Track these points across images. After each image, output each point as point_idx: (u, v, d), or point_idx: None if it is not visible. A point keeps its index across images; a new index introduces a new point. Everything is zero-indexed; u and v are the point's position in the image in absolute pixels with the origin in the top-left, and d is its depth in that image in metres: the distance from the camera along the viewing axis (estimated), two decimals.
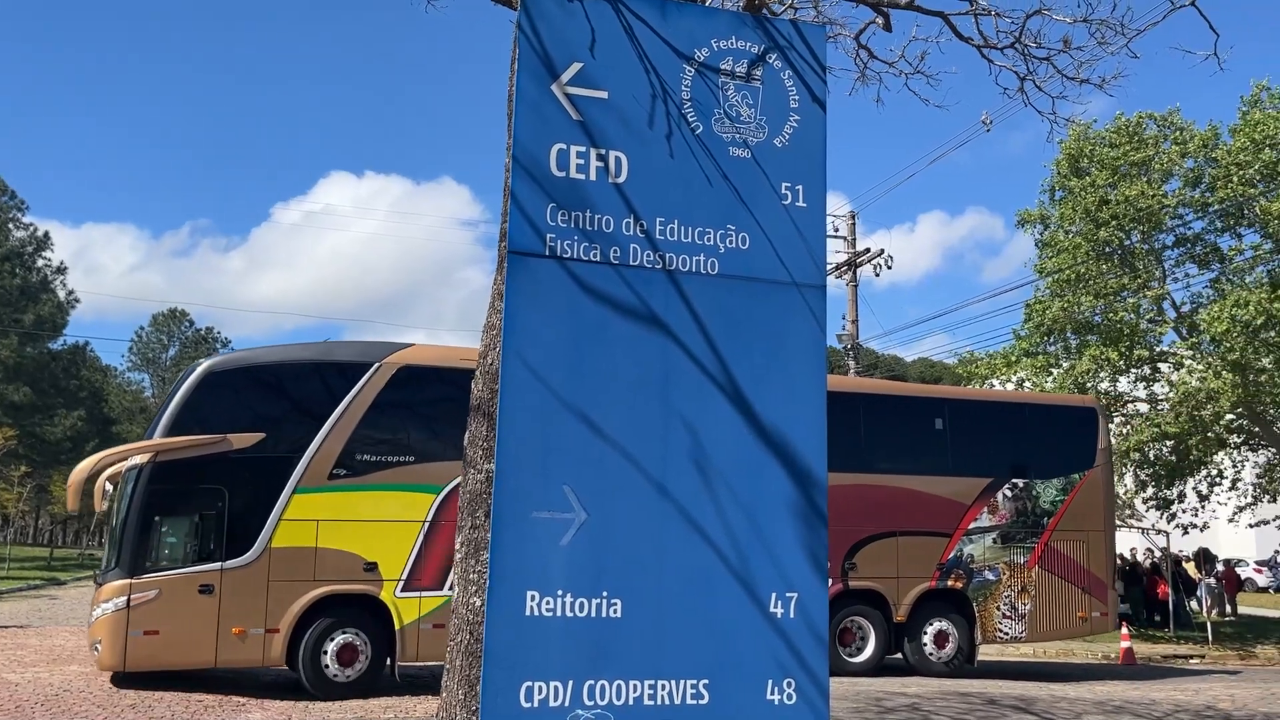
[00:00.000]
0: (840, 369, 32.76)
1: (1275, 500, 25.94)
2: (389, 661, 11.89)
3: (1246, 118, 23.03)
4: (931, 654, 14.75)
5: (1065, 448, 16.23)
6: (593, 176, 4.05)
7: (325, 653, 11.54)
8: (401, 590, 11.88)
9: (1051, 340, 24.91)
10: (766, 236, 4.30)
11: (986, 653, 20.47)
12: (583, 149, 4.06)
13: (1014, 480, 15.62)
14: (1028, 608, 15.33)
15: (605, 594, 3.75)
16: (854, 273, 31.40)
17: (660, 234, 4.12)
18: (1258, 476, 25.87)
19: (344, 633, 11.66)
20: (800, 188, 4.39)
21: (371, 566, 11.80)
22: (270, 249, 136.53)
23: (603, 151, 4.08)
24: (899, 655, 14.90)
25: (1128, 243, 23.76)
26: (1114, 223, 23.09)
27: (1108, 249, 23.72)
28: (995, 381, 25.58)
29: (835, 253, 31.95)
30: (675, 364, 4.02)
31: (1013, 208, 25.47)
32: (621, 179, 4.09)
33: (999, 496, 15.45)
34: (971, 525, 15.13)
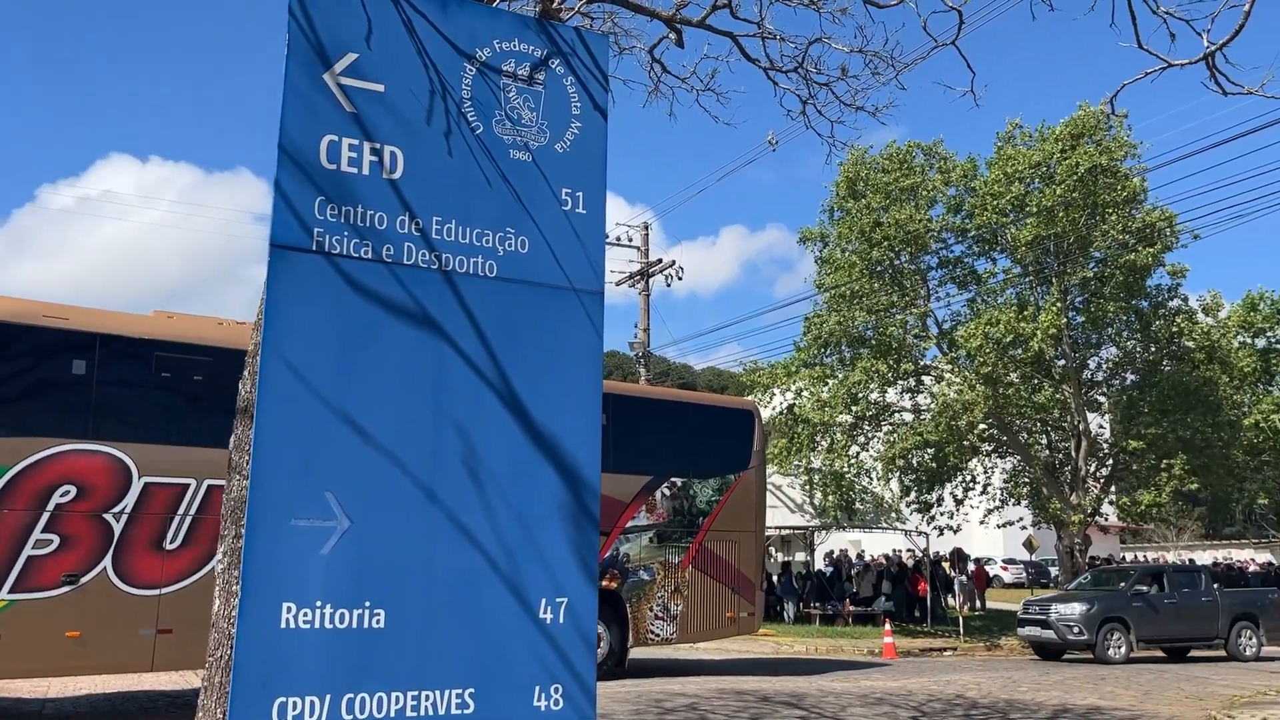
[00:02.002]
0: (631, 376, 33.31)
1: (1019, 503, 28.39)
2: None
3: (1001, 152, 25.17)
4: None
5: (723, 448, 16.30)
6: (365, 171, 3.91)
7: None
8: None
9: (828, 352, 26.30)
10: (546, 241, 4.28)
11: (760, 650, 21.29)
12: (355, 142, 3.91)
13: (673, 479, 15.54)
14: (679, 608, 15.27)
15: (368, 604, 3.61)
16: (646, 282, 32.04)
17: (436, 233, 4.02)
18: (1005, 481, 28.24)
19: None
20: (581, 194, 4.40)
21: None
22: (34, 234, 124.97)
23: (377, 146, 3.95)
24: None
25: (897, 263, 25.43)
26: (885, 243, 24.65)
27: (879, 268, 25.29)
28: (776, 390, 26.74)
29: (629, 262, 32.56)
30: (448, 367, 3.94)
31: (808, 225, 26.82)
32: (396, 175, 3.97)
33: (657, 495, 15.34)
34: (629, 524, 14.89)
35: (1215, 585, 22.15)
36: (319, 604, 3.54)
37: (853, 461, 25.96)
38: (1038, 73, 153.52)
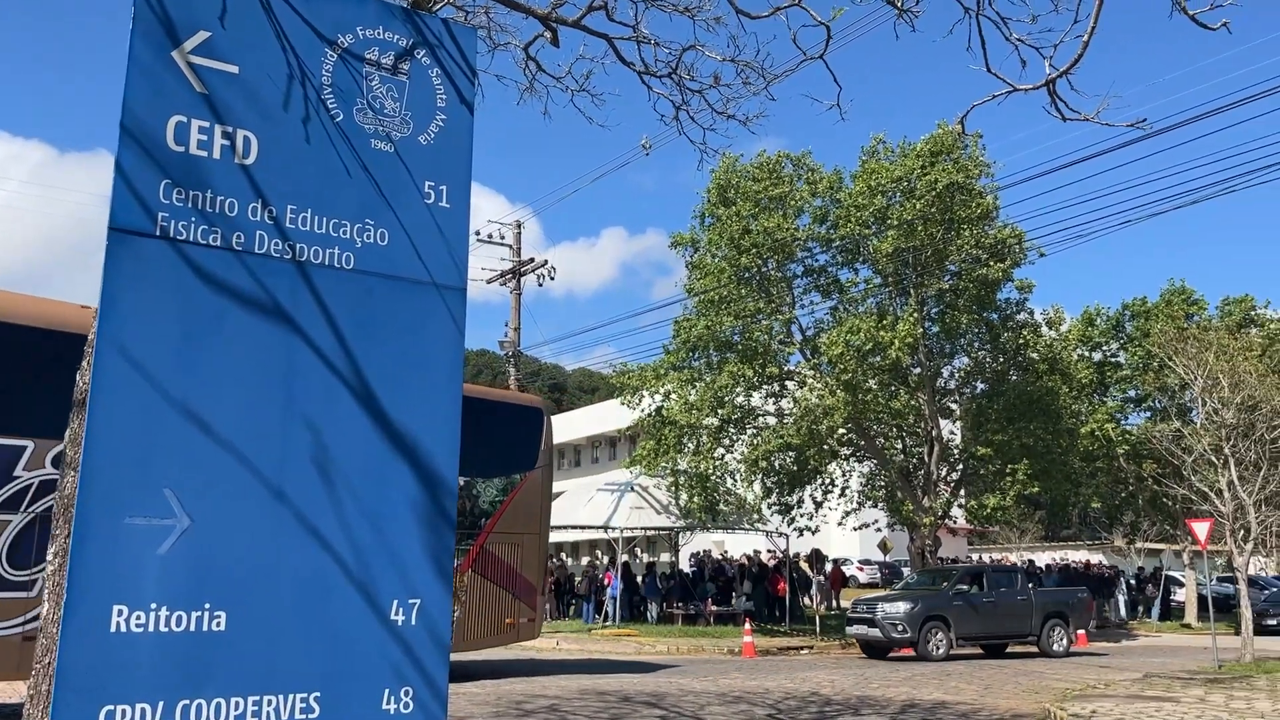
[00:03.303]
0: (501, 375, 32.98)
1: (875, 506, 29.39)
2: None
3: (865, 166, 26.01)
4: None
5: (510, 447, 15.75)
6: (216, 155, 3.74)
7: None
8: None
9: (696, 356, 26.66)
10: (407, 234, 4.18)
11: (623, 651, 21.39)
12: (206, 124, 3.73)
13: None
14: (455, 615, 14.29)
15: (207, 606, 3.45)
16: (518, 281, 31.83)
17: (291, 222, 3.88)
18: (862, 484, 29.18)
19: None
20: (444, 188, 4.32)
21: None
22: None
23: (229, 129, 3.78)
24: None
25: (764, 270, 25.98)
26: (753, 250, 25.15)
27: (747, 274, 25.78)
28: (645, 392, 26.93)
29: (500, 260, 32.29)
30: (300, 361, 3.80)
31: (687, 230, 26.92)
32: (249, 160, 3.81)
33: None
34: None
35: (1030, 585, 23.53)
36: (154, 606, 3.36)
37: (717, 463, 26.37)
38: (902, 89, 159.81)
